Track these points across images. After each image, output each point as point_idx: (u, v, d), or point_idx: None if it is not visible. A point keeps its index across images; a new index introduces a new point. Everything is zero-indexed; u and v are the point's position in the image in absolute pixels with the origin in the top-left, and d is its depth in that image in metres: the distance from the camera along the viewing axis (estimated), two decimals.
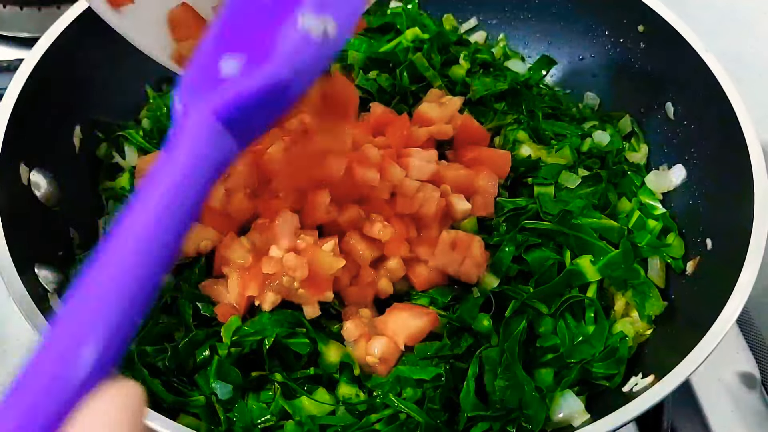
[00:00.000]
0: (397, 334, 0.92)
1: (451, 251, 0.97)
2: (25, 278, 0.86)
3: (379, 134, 1.08)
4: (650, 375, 0.88)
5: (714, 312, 0.86)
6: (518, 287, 1.00)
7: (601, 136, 1.17)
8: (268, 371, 0.91)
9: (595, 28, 1.24)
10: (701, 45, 1.07)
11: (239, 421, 0.89)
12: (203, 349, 0.91)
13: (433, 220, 1.00)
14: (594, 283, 1.00)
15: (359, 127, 1.07)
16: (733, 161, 0.99)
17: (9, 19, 1.46)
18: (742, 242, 0.90)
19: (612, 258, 0.99)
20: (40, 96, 1.01)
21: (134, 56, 1.19)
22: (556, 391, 0.93)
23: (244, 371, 0.90)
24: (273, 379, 0.91)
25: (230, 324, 0.91)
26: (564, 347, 0.96)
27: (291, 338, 0.91)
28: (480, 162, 1.08)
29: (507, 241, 1.01)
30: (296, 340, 0.91)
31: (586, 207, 1.04)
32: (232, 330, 0.91)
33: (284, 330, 0.91)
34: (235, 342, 0.90)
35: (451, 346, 0.94)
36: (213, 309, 0.94)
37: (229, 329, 0.91)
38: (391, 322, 0.94)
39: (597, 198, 1.08)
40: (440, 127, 1.10)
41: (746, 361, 1.17)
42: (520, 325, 0.94)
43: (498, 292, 0.98)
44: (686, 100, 1.12)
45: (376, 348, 0.91)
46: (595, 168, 1.13)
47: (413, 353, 0.93)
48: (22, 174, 0.97)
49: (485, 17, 1.30)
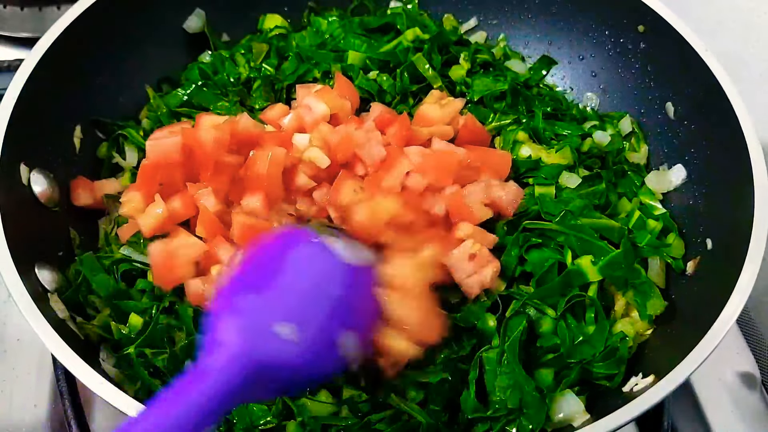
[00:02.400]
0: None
1: (467, 261, 0.97)
2: (25, 278, 0.86)
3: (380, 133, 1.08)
4: (650, 375, 0.88)
5: (714, 312, 0.86)
6: (519, 287, 1.00)
7: (601, 136, 1.17)
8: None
9: (595, 28, 1.24)
10: (701, 45, 1.07)
11: (239, 422, 0.89)
12: None
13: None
14: (595, 283, 1.00)
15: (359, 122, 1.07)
16: (733, 161, 0.99)
17: (9, 19, 1.46)
18: (742, 242, 0.90)
19: (613, 258, 0.99)
20: (40, 96, 1.01)
21: (134, 56, 1.20)
22: (556, 392, 0.93)
23: None
24: None
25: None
26: (564, 347, 0.96)
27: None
28: (481, 162, 1.08)
29: (511, 244, 1.01)
30: None
31: (586, 207, 1.04)
32: None
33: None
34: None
35: (457, 349, 0.94)
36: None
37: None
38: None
39: (598, 198, 1.08)
40: (441, 128, 1.10)
41: (746, 361, 1.17)
42: (521, 325, 0.94)
43: (503, 295, 0.99)
44: (686, 100, 1.12)
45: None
46: (596, 168, 1.13)
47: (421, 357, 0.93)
48: (22, 174, 0.97)
49: (485, 17, 1.30)
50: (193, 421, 0.63)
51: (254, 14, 1.31)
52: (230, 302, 0.78)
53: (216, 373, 0.68)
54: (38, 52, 1.02)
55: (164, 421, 0.61)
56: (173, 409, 0.63)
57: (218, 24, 1.29)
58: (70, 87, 1.09)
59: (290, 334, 0.75)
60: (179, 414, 0.63)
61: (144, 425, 0.61)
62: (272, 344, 0.74)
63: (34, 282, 0.90)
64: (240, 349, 0.71)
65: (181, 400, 0.64)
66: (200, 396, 0.65)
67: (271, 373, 0.73)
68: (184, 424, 0.62)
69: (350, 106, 1.11)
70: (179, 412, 0.63)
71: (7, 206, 0.90)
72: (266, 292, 0.79)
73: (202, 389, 0.66)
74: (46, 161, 1.02)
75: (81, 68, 1.10)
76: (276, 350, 0.74)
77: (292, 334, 0.75)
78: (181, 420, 0.62)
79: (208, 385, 0.67)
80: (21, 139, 0.97)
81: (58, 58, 1.04)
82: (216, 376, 0.68)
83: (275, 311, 0.77)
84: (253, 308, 0.77)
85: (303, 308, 0.79)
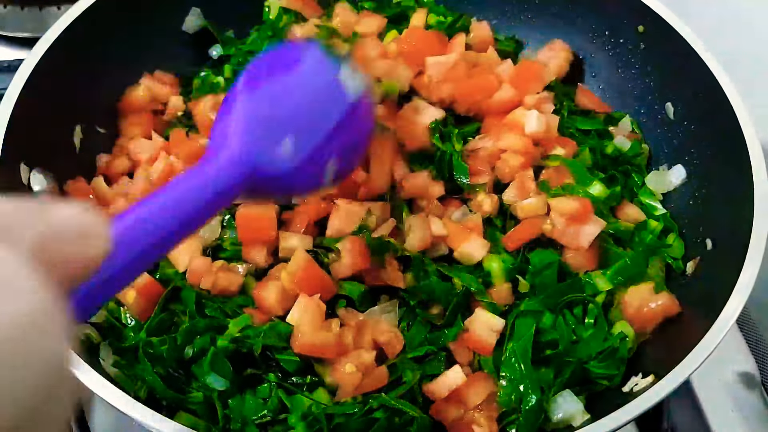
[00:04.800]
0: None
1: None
2: None
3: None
4: (650, 375, 0.88)
5: (714, 312, 0.86)
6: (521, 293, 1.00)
7: (622, 140, 1.15)
8: (262, 371, 0.91)
9: (595, 28, 1.24)
10: (701, 45, 1.07)
11: (235, 416, 0.89)
12: (204, 338, 0.92)
13: None
14: (603, 292, 1.00)
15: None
16: (733, 161, 0.99)
17: (9, 19, 1.46)
18: (742, 242, 0.90)
19: (622, 265, 0.99)
20: (40, 96, 1.01)
21: (135, 56, 1.20)
22: (552, 390, 0.92)
23: (240, 368, 0.90)
24: (267, 379, 0.91)
25: (240, 320, 0.92)
26: (563, 343, 0.95)
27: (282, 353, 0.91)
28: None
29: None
30: (285, 357, 0.91)
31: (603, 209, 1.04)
32: (241, 326, 0.91)
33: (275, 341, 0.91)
34: (237, 339, 0.90)
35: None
36: (218, 305, 0.95)
37: (238, 324, 0.92)
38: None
39: (615, 200, 1.08)
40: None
41: (746, 361, 1.17)
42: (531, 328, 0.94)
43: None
44: (686, 100, 1.12)
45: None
46: (610, 170, 1.12)
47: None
48: (22, 174, 0.97)
49: (485, 17, 1.30)
50: (190, 208, 0.64)
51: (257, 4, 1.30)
52: (241, 107, 0.79)
53: (216, 170, 0.70)
54: (38, 52, 1.02)
55: (161, 204, 0.62)
56: (171, 194, 0.64)
57: (220, 19, 1.28)
58: (69, 87, 1.09)
59: (288, 150, 0.78)
60: (177, 198, 0.64)
61: (143, 208, 0.60)
62: (271, 157, 0.76)
63: None
64: (242, 156, 0.73)
65: (180, 187, 0.65)
66: (199, 187, 0.67)
67: (259, 180, 0.75)
68: (181, 209, 0.63)
69: None
70: (177, 197, 0.64)
71: None
72: (276, 105, 0.80)
73: (201, 181, 0.68)
74: (46, 161, 1.02)
75: (81, 68, 1.10)
76: (273, 164, 0.76)
77: (290, 151, 0.78)
78: (179, 204, 0.63)
79: (208, 177, 0.68)
80: (21, 139, 0.96)
81: (58, 58, 1.04)
82: (216, 173, 0.70)
83: (281, 126, 0.79)
84: (262, 119, 0.78)
85: (305, 127, 0.81)
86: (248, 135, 0.76)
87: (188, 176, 0.68)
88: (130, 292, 0.95)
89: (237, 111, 0.78)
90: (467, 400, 0.90)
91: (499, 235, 1.02)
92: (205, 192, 0.67)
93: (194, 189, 0.66)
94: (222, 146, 0.74)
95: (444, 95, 1.10)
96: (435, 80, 1.11)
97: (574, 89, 1.23)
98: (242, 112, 0.78)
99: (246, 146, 0.74)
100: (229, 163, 0.72)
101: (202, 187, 0.67)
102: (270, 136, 0.77)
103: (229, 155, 0.73)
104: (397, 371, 0.92)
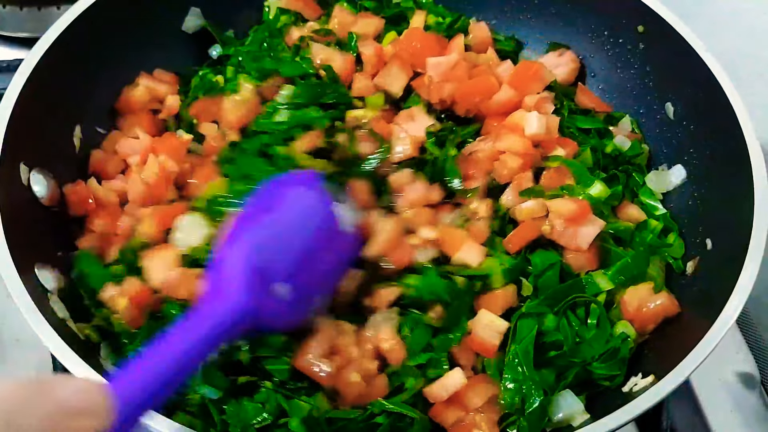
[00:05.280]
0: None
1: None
2: (25, 278, 0.86)
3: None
4: (650, 375, 0.88)
5: (714, 312, 0.86)
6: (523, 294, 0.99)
7: (622, 140, 1.15)
8: (257, 378, 0.91)
9: (594, 29, 1.24)
10: (701, 45, 1.07)
11: (233, 422, 0.88)
12: None
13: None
14: (604, 292, 0.99)
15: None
16: (733, 161, 0.99)
17: (9, 19, 1.46)
18: (742, 242, 0.90)
19: (623, 264, 0.99)
20: (40, 96, 1.01)
21: (135, 56, 1.20)
22: (556, 391, 0.93)
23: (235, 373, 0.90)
24: (264, 386, 0.90)
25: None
26: (567, 345, 0.95)
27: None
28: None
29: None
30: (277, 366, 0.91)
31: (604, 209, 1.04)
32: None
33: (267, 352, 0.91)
34: (223, 351, 0.90)
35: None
36: None
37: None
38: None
39: (616, 199, 1.08)
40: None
41: (746, 361, 1.17)
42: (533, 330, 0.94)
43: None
44: (686, 100, 1.12)
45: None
46: (611, 169, 1.12)
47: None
48: (22, 174, 0.97)
49: (485, 17, 1.30)
50: (187, 357, 0.69)
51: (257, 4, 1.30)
52: (240, 250, 0.81)
53: (213, 320, 0.73)
54: (38, 52, 1.02)
55: (161, 359, 0.67)
56: (170, 348, 0.69)
57: (220, 20, 1.28)
58: (69, 87, 1.09)
59: (285, 293, 0.80)
60: (176, 352, 0.69)
61: (144, 363, 0.66)
62: (268, 301, 0.79)
63: (34, 282, 0.90)
64: (241, 303, 0.76)
65: (179, 340, 0.70)
66: (197, 338, 0.71)
67: (253, 321, 0.78)
68: (179, 361, 0.68)
69: None
70: (176, 351, 0.69)
71: (7, 206, 0.90)
72: (274, 252, 0.82)
73: (199, 332, 0.72)
74: (46, 161, 1.01)
75: (81, 68, 1.10)
76: (268, 307, 0.79)
77: (286, 294, 0.80)
78: (177, 357, 0.68)
79: (206, 328, 0.72)
80: (21, 139, 0.96)
81: (57, 58, 1.04)
82: (213, 323, 0.73)
83: (279, 270, 0.81)
84: (261, 264, 0.80)
85: (300, 270, 0.84)
86: (248, 286, 0.77)
87: (189, 329, 0.72)
88: (122, 300, 0.94)
89: (236, 258, 0.80)
90: (468, 402, 0.90)
91: (497, 239, 1.02)
92: (204, 345, 0.72)
93: (195, 342, 0.71)
94: (222, 293, 0.77)
95: (444, 96, 1.10)
96: (435, 81, 1.11)
97: (574, 89, 1.23)
98: (241, 262, 0.79)
99: (246, 297, 0.77)
100: (230, 316, 0.75)
101: (202, 340, 0.72)
102: (268, 283, 0.80)
103: (230, 309, 0.75)
104: (399, 378, 0.91)
